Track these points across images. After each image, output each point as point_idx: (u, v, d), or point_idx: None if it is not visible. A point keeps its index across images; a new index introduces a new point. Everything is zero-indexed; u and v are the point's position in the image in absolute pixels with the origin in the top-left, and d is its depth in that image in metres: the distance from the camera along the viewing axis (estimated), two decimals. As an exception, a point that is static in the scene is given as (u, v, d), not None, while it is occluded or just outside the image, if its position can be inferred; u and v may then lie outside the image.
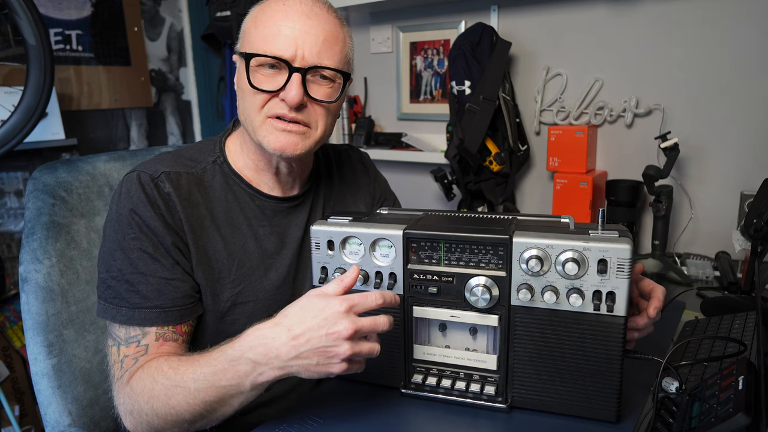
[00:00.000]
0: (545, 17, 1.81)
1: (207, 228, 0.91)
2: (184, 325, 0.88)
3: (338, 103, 0.92)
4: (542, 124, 1.88)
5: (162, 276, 0.85)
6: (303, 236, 1.01)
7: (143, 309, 0.84)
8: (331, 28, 0.88)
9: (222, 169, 0.96)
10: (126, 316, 0.84)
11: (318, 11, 0.87)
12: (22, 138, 1.69)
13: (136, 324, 0.84)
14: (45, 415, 1.00)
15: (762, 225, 1.08)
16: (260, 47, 0.85)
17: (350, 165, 1.17)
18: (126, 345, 0.84)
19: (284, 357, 0.71)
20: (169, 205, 0.87)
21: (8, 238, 2.10)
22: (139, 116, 2.51)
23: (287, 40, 0.84)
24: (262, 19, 0.87)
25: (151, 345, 0.84)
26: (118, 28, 2.37)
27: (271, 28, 0.85)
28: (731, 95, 1.54)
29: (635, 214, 1.65)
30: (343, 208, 1.10)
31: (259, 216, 0.97)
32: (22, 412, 2.08)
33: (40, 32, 1.65)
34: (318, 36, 0.86)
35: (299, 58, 0.85)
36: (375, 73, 2.28)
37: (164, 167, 0.90)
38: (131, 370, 0.81)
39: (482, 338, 0.84)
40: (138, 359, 0.83)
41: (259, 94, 0.87)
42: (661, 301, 0.82)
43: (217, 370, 0.73)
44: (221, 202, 0.94)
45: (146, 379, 0.79)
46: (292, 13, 0.86)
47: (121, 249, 0.85)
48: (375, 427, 0.80)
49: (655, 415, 0.74)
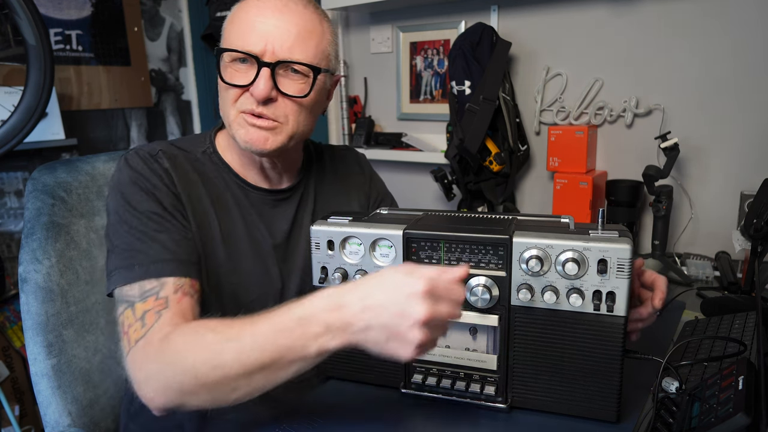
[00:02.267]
0: (545, 17, 1.81)
1: (204, 205, 0.93)
2: (197, 283, 0.84)
3: (312, 98, 0.90)
4: (542, 124, 1.88)
5: (173, 233, 0.85)
6: (290, 229, 1.01)
7: (159, 262, 0.80)
8: (306, 22, 0.88)
9: (212, 159, 0.98)
10: (141, 272, 0.79)
11: (293, 6, 0.88)
12: (22, 138, 1.69)
13: (152, 276, 0.79)
14: (45, 416, 1.00)
15: (762, 225, 1.08)
16: (233, 42, 0.87)
17: (346, 165, 1.17)
18: (142, 300, 0.77)
19: (354, 327, 0.65)
20: (171, 179, 0.90)
21: (8, 238, 2.10)
22: (139, 116, 2.51)
23: (258, 35, 0.85)
24: (237, 15, 0.89)
25: (170, 297, 0.78)
26: (118, 28, 2.37)
27: (244, 24, 0.87)
28: (731, 95, 1.54)
29: (635, 214, 1.65)
30: (336, 206, 1.10)
31: (247, 205, 0.98)
32: (22, 412, 2.08)
33: (40, 32, 1.65)
34: (290, 30, 0.86)
35: (269, 52, 0.85)
36: (375, 73, 2.28)
37: (161, 147, 0.93)
38: (156, 327, 0.74)
39: (482, 338, 0.84)
40: (161, 313, 0.76)
41: (231, 89, 0.88)
42: (665, 292, 0.84)
43: (283, 328, 0.66)
44: (214, 186, 0.96)
45: (189, 334, 0.71)
46: (265, 8, 0.87)
47: (131, 213, 0.84)
48: (375, 427, 0.80)
49: (655, 415, 0.74)
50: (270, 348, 0.66)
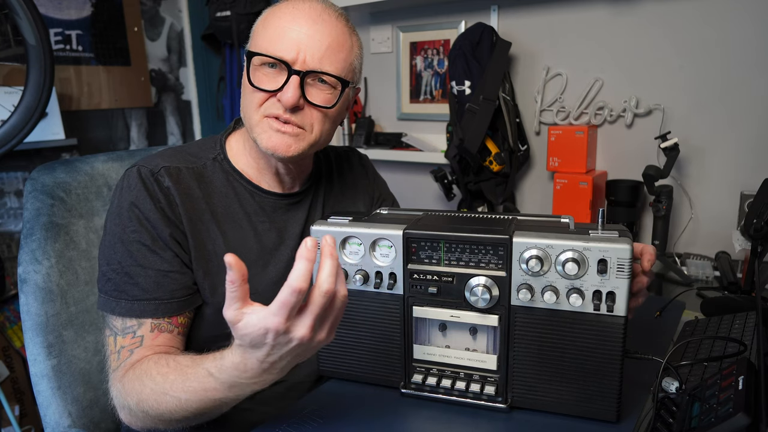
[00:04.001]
0: (545, 17, 1.81)
1: (206, 222, 0.92)
2: (180, 317, 0.89)
3: (336, 109, 0.92)
4: (542, 124, 1.88)
5: (160, 268, 0.86)
6: (302, 232, 1.02)
7: (141, 301, 0.86)
8: (338, 34, 0.89)
9: (222, 166, 0.97)
10: (125, 308, 0.85)
11: (327, 17, 0.88)
12: (22, 138, 1.69)
13: (134, 316, 0.85)
14: (45, 417, 1.00)
15: (762, 225, 1.08)
16: (264, 47, 0.87)
17: (350, 167, 1.17)
18: (122, 336, 0.85)
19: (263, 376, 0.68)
20: (169, 198, 0.89)
21: (8, 238, 2.10)
22: (139, 116, 2.51)
23: (291, 42, 0.85)
24: (270, 20, 0.89)
25: (146, 336, 0.85)
26: (118, 28, 2.37)
27: (277, 29, 0.87)
28: (731, 95, 1.54)
29: (635, 214, 1.65)
30: (342, 208, 1.11)
31: (258, 212, 0.98)
32: (22, 412, 2.08)
33: (40, 32, 1.65)
34: (322, 41, 0.87)
35: (300, 61, 0.86)
36: (375, 73, 2.28)
37: (164, 162, 0.91)
38: (126, 364, 0.82)
39: (482, 338, 0.84)
40: (134, 351, 0.84)
41: (258, 93, 0.88)
42: (653, 255, 0.84)
43: (208, 388, 0.71)
44: (221, 198, 0.95)
45: (135, 381, 0.79)
46: (300, 16, 0.87)
47: (122, 242, 0.87)
48: (375, 427, 0.80)
49: (655, 415, 0.74)
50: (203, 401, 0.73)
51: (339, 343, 0.90)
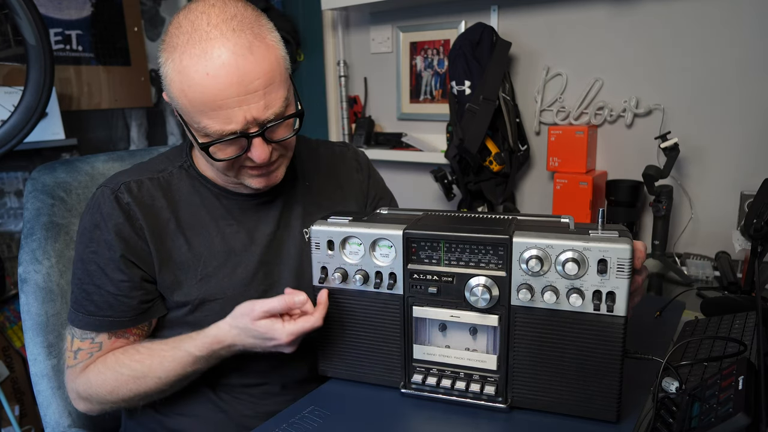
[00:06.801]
0: (545, 17, 1.81)
1: (170, 231, 0.93)
2: (135, 329, 0.94)
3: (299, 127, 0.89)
4: (542, 124, 1.88)
5: (110, 291, 0.89)
6: (274, 232, 0.99)
7: (97, 317, 0.90)
8: (262, 68, 0.79)
9: (189, 173, 0.97)
10: (83, 322, 0.91)
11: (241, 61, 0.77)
12: (22, 138, 1.69)
13: (90, 329, 0.91)
14: (45, 416, 1.00)
15: (762, 225, 1.08)
16: (208, 128, 0.80)
17: (343, 162, 1.14)
18: (81, 339, 0.92)
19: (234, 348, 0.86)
20: (129, 215, 0.90)
21: (8, 238, 2.10)
22: (139, 116, 2.51)
23: (231, 113, 0.79)
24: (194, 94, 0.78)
25: (104, 342, 0.92)
26: (118, 28, 2.36)
27: (209, 105, 0.78)
28: (731, 95, 1.54)
29: (635, 214, 1.65)
30: (330, 205, 1.07)
31: (225, 215, 0.97)
32: (22, 412, 2.08)
33: (40, 32, 1.65)
34: (257, 90, 0.79)
35: (251, 122, 0.80)
36: (375, 73, 2.28)
37: (127, 177, 0.94)
38: (86, 362, 0.91)
39: (482, 338, 0.84)
40: (93, 353, 0.91)
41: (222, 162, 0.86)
42: (643, 252, 0.81)
43: (186, 364, 0.87)
44: (186, 205, 0.95)
45: (107, 372, 0.89)
46: (219, 77, 0.77)
47: (81, 260, 0.91)
48: (375, 427, 0.80)
49: (655, 415, 0.74)
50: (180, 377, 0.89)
51: (339, 343, 0.90)
